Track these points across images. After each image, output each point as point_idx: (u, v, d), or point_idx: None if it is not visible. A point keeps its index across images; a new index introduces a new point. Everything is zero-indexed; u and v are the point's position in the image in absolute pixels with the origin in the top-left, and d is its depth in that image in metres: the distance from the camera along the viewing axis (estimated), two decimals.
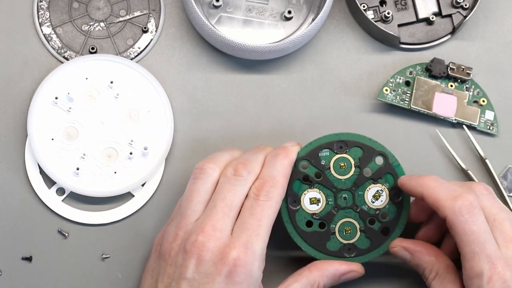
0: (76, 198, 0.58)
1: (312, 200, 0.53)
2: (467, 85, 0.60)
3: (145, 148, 0.57)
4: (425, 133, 0.60)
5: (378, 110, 0.60)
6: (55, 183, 0.58)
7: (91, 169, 0.57)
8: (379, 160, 0.54)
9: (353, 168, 0.53)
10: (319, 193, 0.53)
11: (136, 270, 0.58)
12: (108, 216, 0.58)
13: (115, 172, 0.57)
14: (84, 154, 0.57)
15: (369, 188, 0.54)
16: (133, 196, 0.58)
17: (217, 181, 0.52)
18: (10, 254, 0.58)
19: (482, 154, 0.59)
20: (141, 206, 0.58)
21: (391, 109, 0.60)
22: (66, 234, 0.58)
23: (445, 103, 0.59)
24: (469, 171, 0.58)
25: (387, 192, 0.54)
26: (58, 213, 0.58)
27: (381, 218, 0.54)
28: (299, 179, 0.53)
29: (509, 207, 0.58)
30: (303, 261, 0.54)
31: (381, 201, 0.54)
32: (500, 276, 0.47)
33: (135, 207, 0.58)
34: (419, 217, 0.55)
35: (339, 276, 0.53)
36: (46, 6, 0.60)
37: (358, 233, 0.54)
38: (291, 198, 0.53)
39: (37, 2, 0.60)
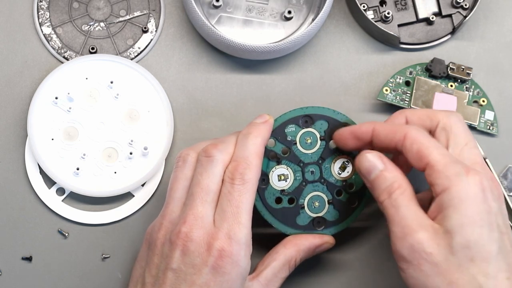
0: (76, 198, 0.58)
1: (280, 177, 0.53)
2: (467, 85, 0.60)
3: (145, 148, 0.57)
4: None
5: (378, 110, 0.60)
6: (55, 183, 0.58)
7: (91, 169, 0.57)
8: None
9: (319, 142, 0.54)
10: (287, 169, 0.53)
11: None
12: (108, 216, 0.58)
13: (115, 172, 0.57)
14: (84, 154, 0.57)
15: (335, 161, 0.54)
16: (133, 196, 0.58)
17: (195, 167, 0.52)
18: (10, 254, 0.58)
19: (482, 153, 0.59)
20: (141, 206, 0.58)
21: (391, 109, 0.60)
22: (66, 234, 0.58)
23: (445, 103, 0.59)
24: None
25: (353, 162, 0.54)
26: (58, 213, 0.58)
27: (348, 189, 0.54)
28: (266, 157, 0.53)
29: (509, 206, 0.58)
30: (274, 237, 0.54)
31: (347, 172, 0.54)
32: (476, 172, 0.46)
33: (135, 207, 0.58)
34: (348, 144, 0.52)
35: (313, 249, 0.53)
36: (46, 6, 0.60)
37: (327, 205, 0.54)
38: (260, 176, 0.53)
39: (37, 2, 0.60)
